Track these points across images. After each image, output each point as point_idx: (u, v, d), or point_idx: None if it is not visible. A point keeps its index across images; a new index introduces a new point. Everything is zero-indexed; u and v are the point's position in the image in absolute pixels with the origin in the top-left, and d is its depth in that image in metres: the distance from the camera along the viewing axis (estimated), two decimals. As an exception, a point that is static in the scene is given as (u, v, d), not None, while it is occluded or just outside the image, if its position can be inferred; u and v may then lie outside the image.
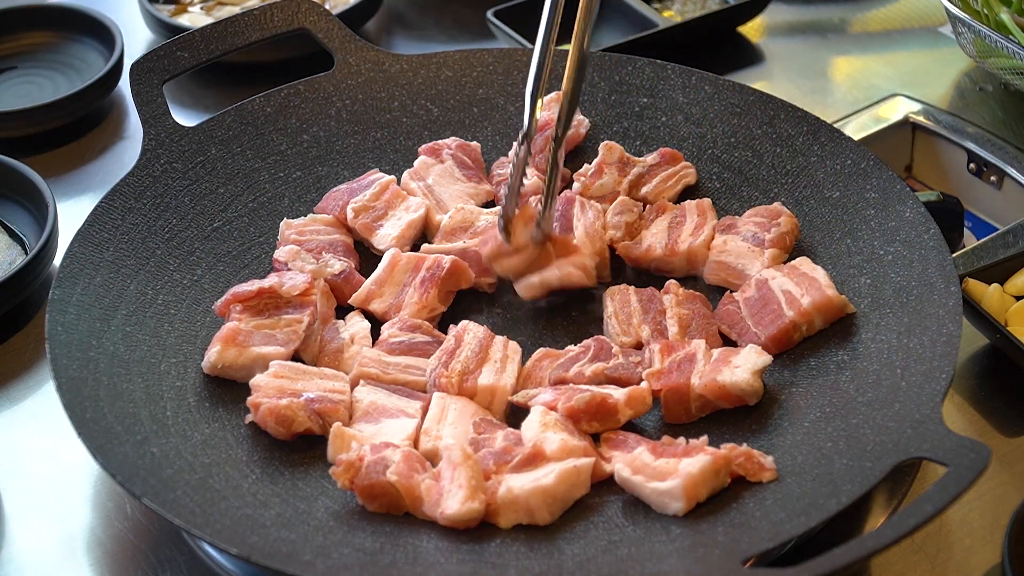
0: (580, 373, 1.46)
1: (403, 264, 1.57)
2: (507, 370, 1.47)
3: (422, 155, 1.71)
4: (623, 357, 1.48)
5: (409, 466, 1.35)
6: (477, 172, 1.70)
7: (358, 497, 1.35)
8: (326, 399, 1.43)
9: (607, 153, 1.68)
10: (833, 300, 1.49)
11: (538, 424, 1.40)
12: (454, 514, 1.32)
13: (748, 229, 1.60)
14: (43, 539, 1.44)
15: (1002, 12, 1.86)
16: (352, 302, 1.57)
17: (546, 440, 1.37)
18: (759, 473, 1.35)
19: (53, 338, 1.43)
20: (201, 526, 1.29)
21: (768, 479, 1.35)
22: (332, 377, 1.47)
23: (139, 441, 1.38)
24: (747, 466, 1.36)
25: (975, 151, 1.83)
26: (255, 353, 1.47)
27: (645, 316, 1.53)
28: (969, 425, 1.52)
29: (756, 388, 1.43)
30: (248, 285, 1.51)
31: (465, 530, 1.33)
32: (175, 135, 1.68)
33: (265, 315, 1.50)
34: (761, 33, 2.12)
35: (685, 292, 1.56)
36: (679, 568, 1.27)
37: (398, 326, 1.52)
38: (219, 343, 1.47)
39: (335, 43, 1.77)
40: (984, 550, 1.40)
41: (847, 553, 1.19)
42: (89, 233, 1.56)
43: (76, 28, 2.05)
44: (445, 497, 1.33)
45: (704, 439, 1.38)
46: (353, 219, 1.63)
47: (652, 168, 1.68)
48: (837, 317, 1.50)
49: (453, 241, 1.62)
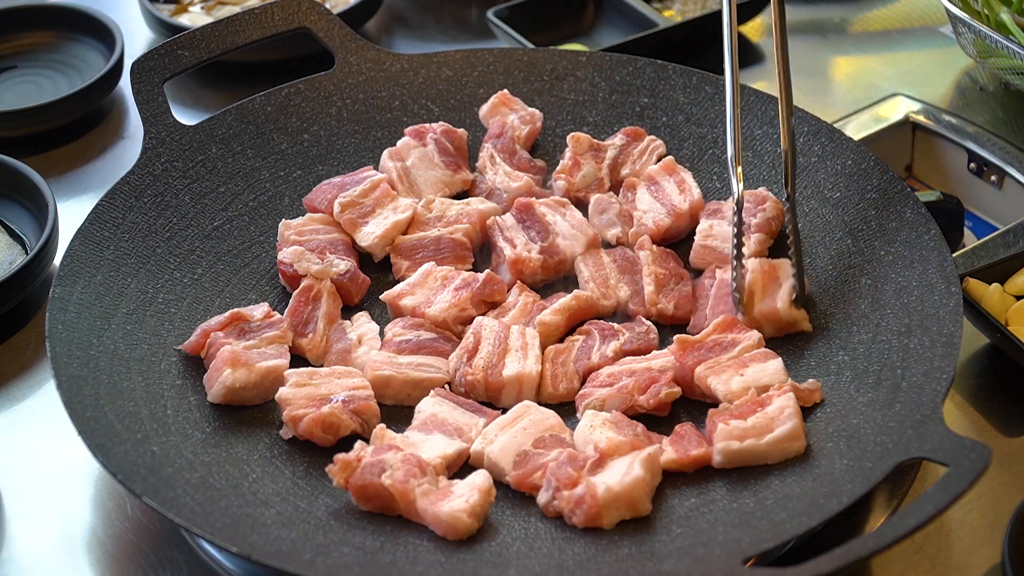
0: (604, 355, 1.49)
1: (436, 274, 1.57)
2: (529, 356, 1.48)
3: (406, 135, 1.71)
4: (628, 331, 1.51)
5: (407, 471, 1.35)
6: (457, 159, 1.70)
7: (352, 497, 1.35)
8: (356, 398, 1.43)
9: (576, 144, 1.69)
10: (781, 314, 1.50)
11: (588, 427, 1.40)
12: (446, 514, 1.31)
13: (734, 214, 1.60)
14: (43, 538, 1.44)
15: (1002, 12, 1.86)
16: (384, 298, 1.57)
17: (606, 440, 1.37)
18: (810, 397, 1.42)
19: (54, 337, 1.43)
20: (201, 525, 1.29)
21: (817, 400, 1.42)
22: (347, 374, 1.47)
23: (139, 440, 1.38)
24: (801, 396, 1.42)
25: (975, 151, 1.83)
26: (264, 368, 1.46)
27: (621, 276, 1.57)
28: (969, 425, 1.52)
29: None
30: (216, 318, 1.50)
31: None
32: (176, 134, 1.68)
33: (247, 337, 1.50)
34: (761, 33, 2.12)
35: (659, 249, 1.58)
36: (679, 568, 1.27)
37: (401, 325, 1.52)
38: (226, 366, 1.44)
39: (335, 42, 1.77)
40: (984, 550, 1.40)
41: (847, 553, 1.19)
42: (90, 232, 1.56)
43: (76, 28, 2.05)
44: (448, 499, 1.33)
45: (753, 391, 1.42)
46: (339, 213, 1.63)
47: (623, 148, 1.69)
48: (790, 331, 1.51)
49: (427, 230, 1.62)
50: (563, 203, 1.64)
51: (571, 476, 1.34)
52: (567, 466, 1.35)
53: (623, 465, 1.35)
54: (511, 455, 1.37)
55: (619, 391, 1.44)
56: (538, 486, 1.35)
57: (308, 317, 1.54)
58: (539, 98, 1.77)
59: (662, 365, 1.47)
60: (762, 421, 1.38)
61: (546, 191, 1.69)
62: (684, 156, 1.71)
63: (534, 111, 1.74)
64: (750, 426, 1.38)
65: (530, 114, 1.74)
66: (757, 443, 1.37)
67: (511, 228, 1.62)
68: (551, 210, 1.63)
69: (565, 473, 1.34)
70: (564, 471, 1.35)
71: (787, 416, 1.38)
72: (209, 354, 1.48)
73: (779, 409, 1.39)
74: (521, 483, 1.36)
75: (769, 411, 1.39)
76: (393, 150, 1.70)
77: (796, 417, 1.38)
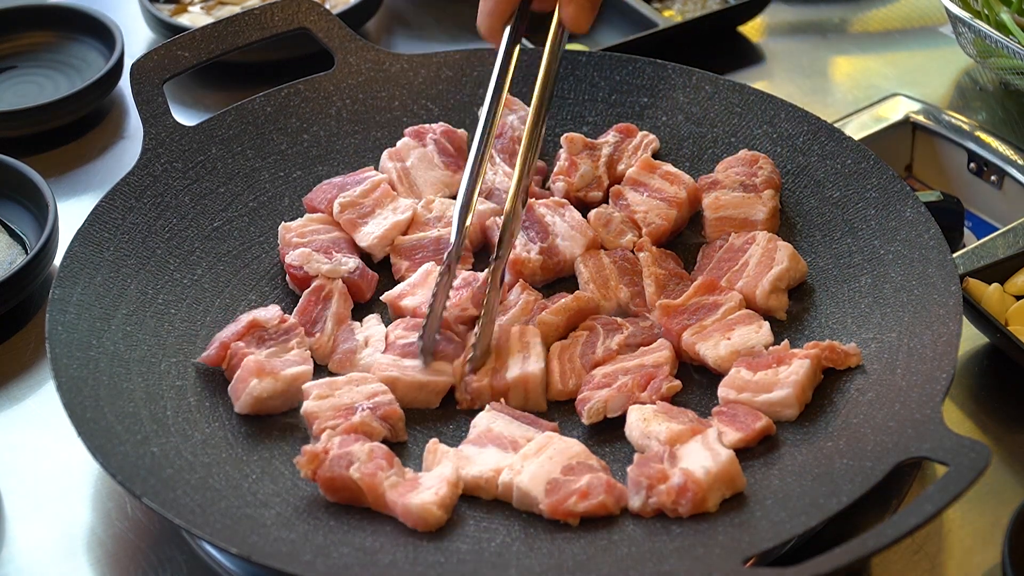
0: (608, 349, 1.49)
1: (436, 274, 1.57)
2: (531, 355, 1.48)
3: (406, 136, 1.71)
4: (632, 325, 1.52)
5: (375, 464, 1.35)
6: (457, 160, 1.70)
7: (320, 488, 1.35)
8: (381, 404, 1.43)
9: (571, 145, 1.69)
10: (757, 300, 1.52)
11: (640, 422, 1.40)
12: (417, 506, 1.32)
13: (733, 180, 1.62)
14: (43, 539, 1.44)
15: (1002, 12, 1.86)
16: (384, 299, 1.57)
17: (666, 431, 1.38)
18: (846, 360, 1.43)
19: (53, 337, 1.43)
20: (201, 525, 1.29)
21: (855, 363, 1.43)
22: (364, 380, 1.46)
23: (139, 441, 1.38)
24: (833, 357, 1.43)
25: (975, 151, 1.83)
26: (289, 376, 1.45)
27: (622, 277, 1.57)
28: (969, 425, 1.52)
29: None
30: (231, 328, 1.50)
31: (465, 530, 1.33)
32: (175, 135, 1.68)
33: (266, 345, 1.50)
34: (761, 33, 2.12)
35: (658, 250, 1.59)
36: (679, 568, 1.27)
37: (403, 327, 1.52)
38: (253, 377, 1.43)
39: (335, 43, 1.77)
40: (984, 550, 1.40)
41: (847, 553, 1.19)
42: (89, 232, 1.56)
43: (76, 28, 2.05)
44: (417, 491, 1.33)
45: (786, 343, 1.45)
46: (339, 213, 1.63)
47: (617, 145, 1.70)
48: (764, 314, 1.52)
49: (427, 231, 1.62)
50: (562, 204, 1.64)
51: (659, 470, 1.34)
52: (645, 465, 1.35)
53: (701, 449, 1.35)
54: (541, 484, 1.36)
55: (619, 390, 1.44)
56: (574, 512, 1.33)
57: (317, 316, 1.54)
58: (539, 98, 1.77)
59: (656, 360, 1.47)
60: (767, 379, 1.41)
61: (545, 192, 1.69)
62: (684, 156, 1.71)
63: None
64: (753, 380, 1.42)
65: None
66: (752, 399, 1.41)
67: None
68: (550, 211, 1.63)
69: (650, 470, 1.34)
70: (647, 469, 1.34)
71: (790, 382, 1.40)
72: (231, 365, 1.47)
73: (790, 372, 1.41)
74: (556, 511, 1.34)
75: (780, 371, 1.42)
76: (393, 150, 1.70)
77: (795, 387, 1.40)
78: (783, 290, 1.54)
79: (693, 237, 1.65)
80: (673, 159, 1.70)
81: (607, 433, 1.44)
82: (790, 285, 1.55)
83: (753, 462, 1.38)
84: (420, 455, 1.41)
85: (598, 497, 1.33)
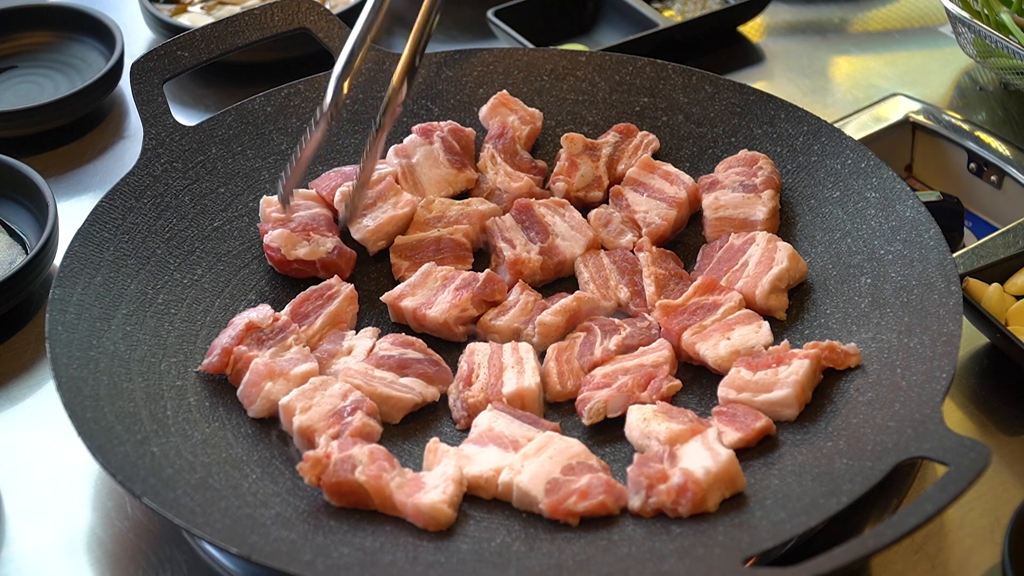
0: (607, 350, 1.49)
1: (437, 274, 1.57)
2: (526, 371, 1.47)
3: (413, 133, 1.71)
4: (629, 326, 1.52)
5: (378, 465, 1.35)
6: (463, 158, 1.70)
7: (325, 494, 1.35)
8: (363, 401, 1.43)
9: (571, 145, 1.69)
10: (757, 300, 1.52)
11: (640, 422, 1.40)
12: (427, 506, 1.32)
13: (732, 180, 1.62)
14: (43, 539, 1.44)
15: (1002, 12, 1.86)
16: (384, 299, 1.56)
17: (666, 430, 1.38)
18: (845, 360, 1.43)
19: (53, 337, 1.43)
20: (201, 525, 1.29)
21: (855, 363, 1.43)
22: (326, 384, 1.44)
23: (139, 441, 1.38)
24: (833, 358, 1.43)
25: (975, 151, 1.83)
26: (299, 374, 1.45)
27: (622, 277, 1.57)
28: (969, 425, 1.52)
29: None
30: (228, 332, 1.49)
31: (465, 530, 1.33)
32: (175, 134, 1.68)
33: (267, 345, 1.49)
34: (761, 33, 2.12)
35: (658, 250, 1.59)
36: (679, 568, 1.27)
37: (391, 340, 1.51)
38: (265, 380, 1.43)
39: (335, 42, 1.77)
40: (984, 550, 1.40)
41: (847, 553, 1.19)
42: (89, 232, 1.56)
43: (76, 28, 2.05)
44: (425, 491, 1.33)
45: (786, 343, 1.45)
46: (339, 201, 1.63)
47: (617, 145, 1.70)
48: (763, 313, 1.52)
49: (427, 231, 1.62)
50: (562, 204, 1.64)
51: (659, 470, 1.34)
52: (645, 465, 1.35)
53: (701, 449, 1.35)
54: (541, 484, 1.35)
55: (619, 390, 1.44)
56: (574, 512, 1.33)
57: (309, 311, 1.54)
58: (539, 98, 1.77)
59: (655, 360, 1.47)
60: (767, 379, 1.41)
61: (546, 192, 1.69)
62: (684, 156, 1.71)
63: (534, 111, 1.74)
64: (753, 380, 1.42)
65: (530, 114, 1.74)
66: (752, 399, 1.41)
67: (510, 229, 1.62)
68: (550, 211, 1.63)
69: (650, 470, 1.34)
70: (647, 469, 1.35)
71: (790, 382, 1.40)
72: (237, 369, 1.46)
73: (790, 372, 1.41)
74: (556, 510, 1.34)
75: (780, 371, 1.42)
76: (399, 147, 1.70)
77: (795, 387, 1.40)
78: (783, 290, 1.54)
79: (693, 237, 1.65)
80: (673, 159, 1.70)
81: (607, 433, 1.44)
82: (790, 285, 1.55)
83: (753, 462, 1.38)
84: (419, 454, 1.41)
85: (598, 497, 1.33)
